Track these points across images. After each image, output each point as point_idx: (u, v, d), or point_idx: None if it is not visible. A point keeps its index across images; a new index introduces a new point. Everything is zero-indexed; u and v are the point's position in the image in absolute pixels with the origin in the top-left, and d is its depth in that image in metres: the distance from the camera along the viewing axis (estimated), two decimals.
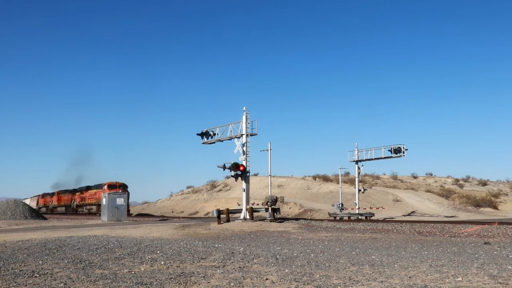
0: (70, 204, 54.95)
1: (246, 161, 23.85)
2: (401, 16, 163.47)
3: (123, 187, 44.44)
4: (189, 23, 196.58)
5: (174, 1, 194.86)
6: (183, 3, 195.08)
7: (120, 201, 28.59)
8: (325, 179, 58.97)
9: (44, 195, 69.20)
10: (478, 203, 48.87)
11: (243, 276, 7.27)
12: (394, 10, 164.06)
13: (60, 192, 61.14)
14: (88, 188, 51.60)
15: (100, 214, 38.42)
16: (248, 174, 24.13)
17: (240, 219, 23.40)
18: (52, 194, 65.36)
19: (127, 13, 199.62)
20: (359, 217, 30.89)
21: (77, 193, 53.90)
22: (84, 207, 51.92)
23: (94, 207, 48.49)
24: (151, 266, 8.36)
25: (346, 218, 30.31)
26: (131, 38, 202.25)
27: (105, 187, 44.31)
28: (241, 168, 23.43)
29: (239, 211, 24.76)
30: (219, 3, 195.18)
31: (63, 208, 57.68)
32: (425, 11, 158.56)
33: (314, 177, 61.89)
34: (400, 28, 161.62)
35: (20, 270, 7.90)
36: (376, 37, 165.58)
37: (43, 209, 66.17)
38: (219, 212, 23.30)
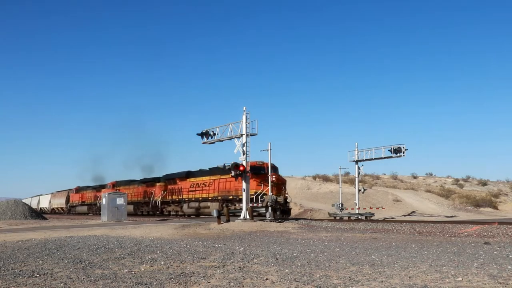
0: (146, 200, 38.66)
1: (246, 161, 23.86)
2: (400, 16, 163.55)
3: (274, 170, 27.29)
4: (189, 24, 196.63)
5: (174, 2, 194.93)
6: (184, 4, 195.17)
7: (120, 201, 28.57)
8: (325, 179, 59.05)
9: (80, 190, 52.61)
10: (478, 203, 48.89)
11: (243, 276, 7.27)
12: (394, 10, 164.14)
13: (119, 184, 43.23)
14: (189, 174, 34.93)
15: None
16: (248, 174, 24.14)
17: (240, 219, 23.40)
18: (98, 188, 47.28)
19: (127, 14, 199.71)
20: (359, 217, 30.88)
21: (157, 184, 37.44)
22: (186, 205, 33.79)
23: (211, 205, 30.91)
24: (151, 266, 8.36)
25: (346, 218, 30.30)
26: (131, 38, 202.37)
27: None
28: (241, 168, 23.45)
29: (239, 211, 24.77)
30: (219, 4, 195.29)
31: (130, 207, 38.17)
32: (425, 11, 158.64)
33: (314, 177, 61.95)
34: (400, 28, 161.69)
35: (20, 270, 7.90)
36: (376, 37, 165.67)
37: (82, 208, 50.22)
38: (219, 212, 23.33)
